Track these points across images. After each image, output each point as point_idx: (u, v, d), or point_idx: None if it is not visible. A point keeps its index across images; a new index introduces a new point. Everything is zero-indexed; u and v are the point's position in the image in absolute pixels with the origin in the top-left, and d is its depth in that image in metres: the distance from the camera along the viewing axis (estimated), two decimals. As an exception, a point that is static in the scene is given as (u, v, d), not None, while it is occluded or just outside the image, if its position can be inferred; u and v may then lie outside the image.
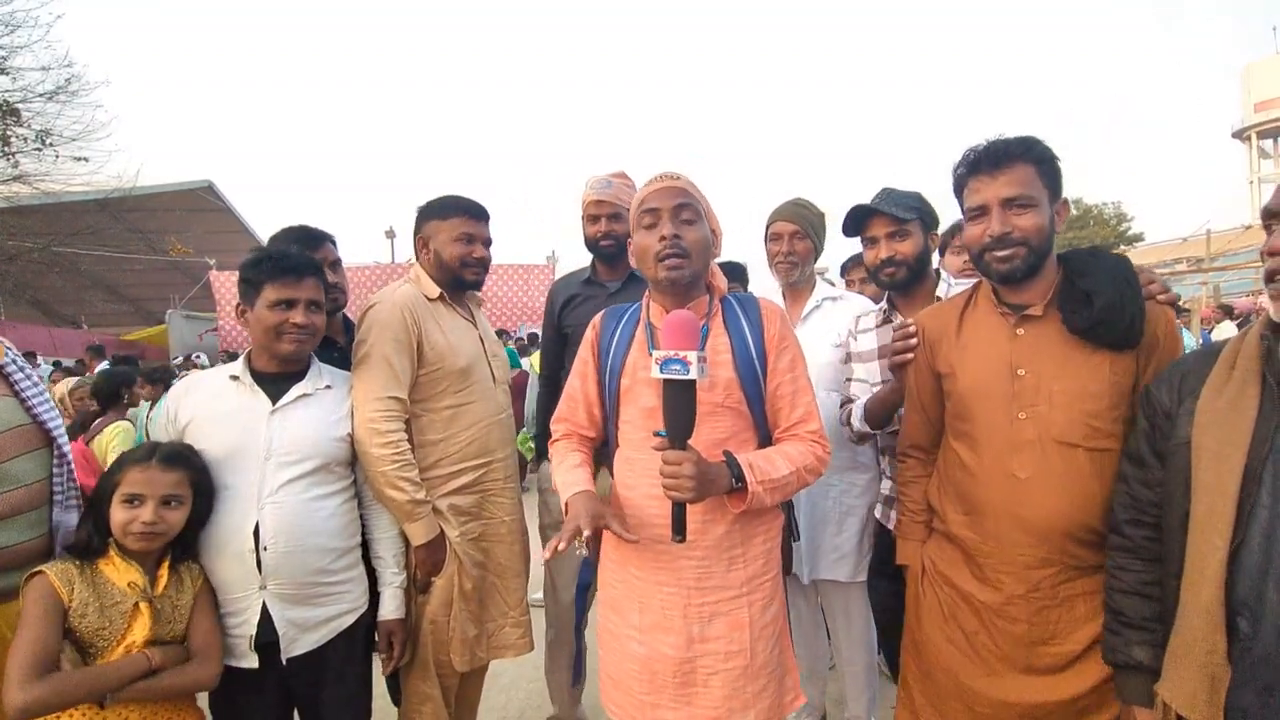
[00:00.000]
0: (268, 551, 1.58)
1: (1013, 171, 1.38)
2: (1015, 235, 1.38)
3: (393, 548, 1.85)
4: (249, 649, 1.59)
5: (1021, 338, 1.44)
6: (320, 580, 1.66)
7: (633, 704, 1.48)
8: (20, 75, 10.05)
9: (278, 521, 1.59)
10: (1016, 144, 1.40)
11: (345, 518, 1.74)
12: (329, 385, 1.77)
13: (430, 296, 1.98)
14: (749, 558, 1.47)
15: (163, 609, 1.47)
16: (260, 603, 1.59)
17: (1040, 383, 1.40)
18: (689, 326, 1.29)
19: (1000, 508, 1.42)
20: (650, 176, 1.51)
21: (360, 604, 1.77)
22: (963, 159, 1.46)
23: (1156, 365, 1.35)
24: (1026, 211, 1.38)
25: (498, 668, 3.23)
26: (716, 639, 1.43)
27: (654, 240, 1.43)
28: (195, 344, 13.53)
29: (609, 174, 2.28)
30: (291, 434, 1.65)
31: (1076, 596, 1.37)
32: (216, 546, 1.59)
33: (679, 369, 1.24)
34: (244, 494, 1.60)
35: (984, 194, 1.41)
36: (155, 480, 1.46)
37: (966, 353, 1.51)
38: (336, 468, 1.73)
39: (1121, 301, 1.33)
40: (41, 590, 1.37)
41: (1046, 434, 1.38)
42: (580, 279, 2.38)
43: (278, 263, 1.66)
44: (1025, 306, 1.44)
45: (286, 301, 1.65)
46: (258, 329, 1.67)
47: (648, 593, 1.46)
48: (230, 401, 1.66)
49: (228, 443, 1.62)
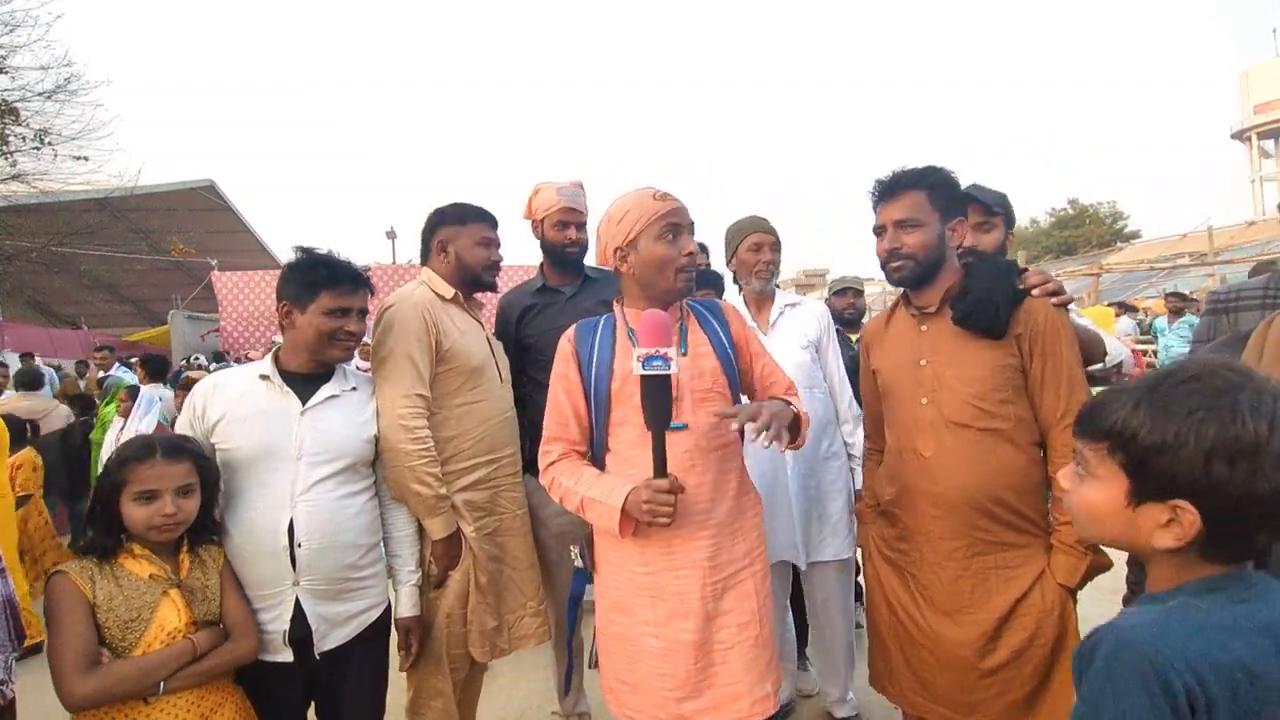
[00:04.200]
0: (302, 548, 1.61)
1: (904, 198, 1.63)
2: (903, 250, 1.63)
3: (410, 546, 1.88)
4: (283, 643, 1.62)
5: (924, 333, 1.69)
6: (350, 576, 1.70)
7: (653, 703, 1.50)
8: (19, 74, 10.06)
9: (311, 519, 1.62)
10: (910, 175, 1.65)
11: (370, 515, 1.78)
12: (354, 387, 1.81)
13: (445, 297, 2.03)
14: (746, 530, 1.58)
15: (194, 592, 1.50)
16: (294, 598, 1.62)
17: (937, 370, 1.64)
18: (664, 326, 1.39)
19: (913, 484, 1.66)
20: (649, 190, 1.59)
21: (383, 599, 1.82)
22: (872, 188, 1.71)
23: (1041, 350, 1.57)
24: (914, 231, 1.62)
25: (498, 668, 3.22)
26: (729, 613, 1.51)
27: (678, 253, 1.55)
28: (198, 345, 13.50)
29: (571, 182, 2.33)
30: (322, 434, 1.69)
31: (989, 570, 1.57)
32: (250, 544, 1.62)
33: (660, 365, 1.35)
34: (277, 492, 1.62)
35: (882, 217, 1.67)
36: (166, 474, 1.47)
37: (888, 349, 1.78)
38: (362, 467, 1.77)
39: (989, 295, 1.57)
40: (65, 588, 1.39)
41: (941, 416, 1.62)
42: (532, 289, 2.40)
43: (337, 270, 1.71)
44: (925, 306, 1.69)
45: (343, 309, 1.70)
46: (308, 332, 1.69)
47: (660, 583, 1.50)
48: (260, 401, 1.68)
49: (260, 441, 1.64)
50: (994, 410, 1.58)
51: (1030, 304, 1.61)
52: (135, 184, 11.64)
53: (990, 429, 1.58)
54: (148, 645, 1.41)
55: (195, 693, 1.45)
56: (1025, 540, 1.58)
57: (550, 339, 2.07)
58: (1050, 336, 1.58)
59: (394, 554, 1.88)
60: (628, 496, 1.44)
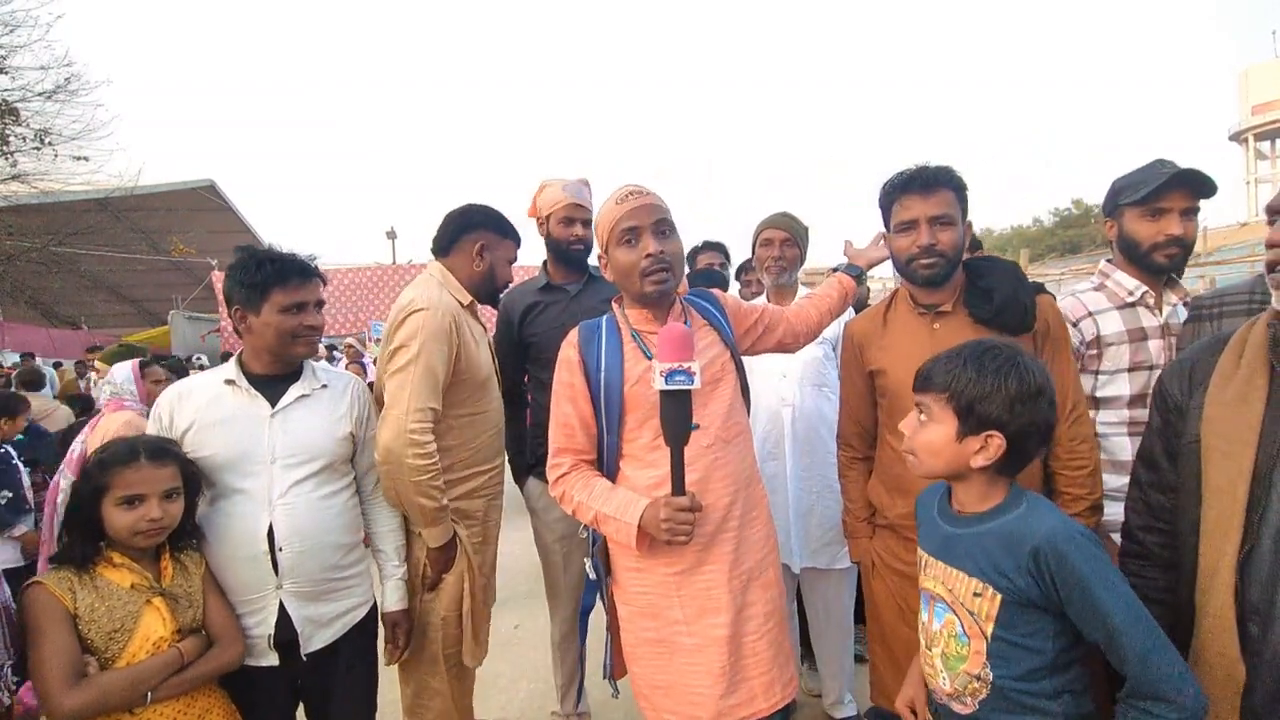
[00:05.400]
0: (284, 552, 1.59)
1: (940, 194, 1.61)
2: (939, 247, 1.60)
3: (393, 541, 1.87)
4: (268, 647, 1.60)
5: (938, 331, 1.65)
6: (333, 576, 1.68)
7: (690, 703, 1.49)
8: (19, 74, 10.06)
9: (291, 522, 1.60)
10: (944, 172, 1.62)
11: (351, 514, 1.76)
12: (325, 385, 1.76)
13: (463, 303, 1.99)
14: (762, 518, 1.60)
15: (177, 599, 1.47)
16: (277, 602, 1.61)
17: None
18: (686, 340, 1.34)
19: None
20: (617, 193, 1.53)
21: (369, 597, 1.80)
22: (896, 178, 1.66)
23: (1051, 347, 1.60)
24: (948, 228, 1.60)
25: (498, 668, 3.22)
26: (755, 603, 1.53)
27: (638, 256, 1.48)
28: (198, 345, 13.51)
29: (577, 179, 2.32)
30: (295, 436, 1.65)
31: None
32: (229, 550, 1.59)
33: (683, 380, 1.32)
34: (254, 497, 1.60)
35: (915, 210, 1.62)
36: (151, 477, 1.44)
37: (893, 350, 1.71)
38: (340, 466, 1.74)
39: (1015, 294, 1.59)
40: (43, 599, 1.34)
41: None
42: (536, 287, 2.36)
43: (285, 266, 1.64)
44: (939, 305, 1.67)
45: (298, 304, 1.65)
46: (267, 334, 1.64)
47: (687, 583, 1.49)
48: (228, 406, 1.64)
49: (232, 447, 1.61)
50: None
51: (1042, 300, 1.63)
52: (135, 184, 11.64)
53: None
54: (132, 655, 1.38)
55: (181, 700, 1.43)
56: None
57: (554, 337, 2.05)
58: (1059, 332, 1.62)
59: (378, 549, 1.87)
60: (644, 513, 1.42)
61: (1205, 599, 1.06)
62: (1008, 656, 1.14)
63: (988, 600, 1.16)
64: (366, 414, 1.82)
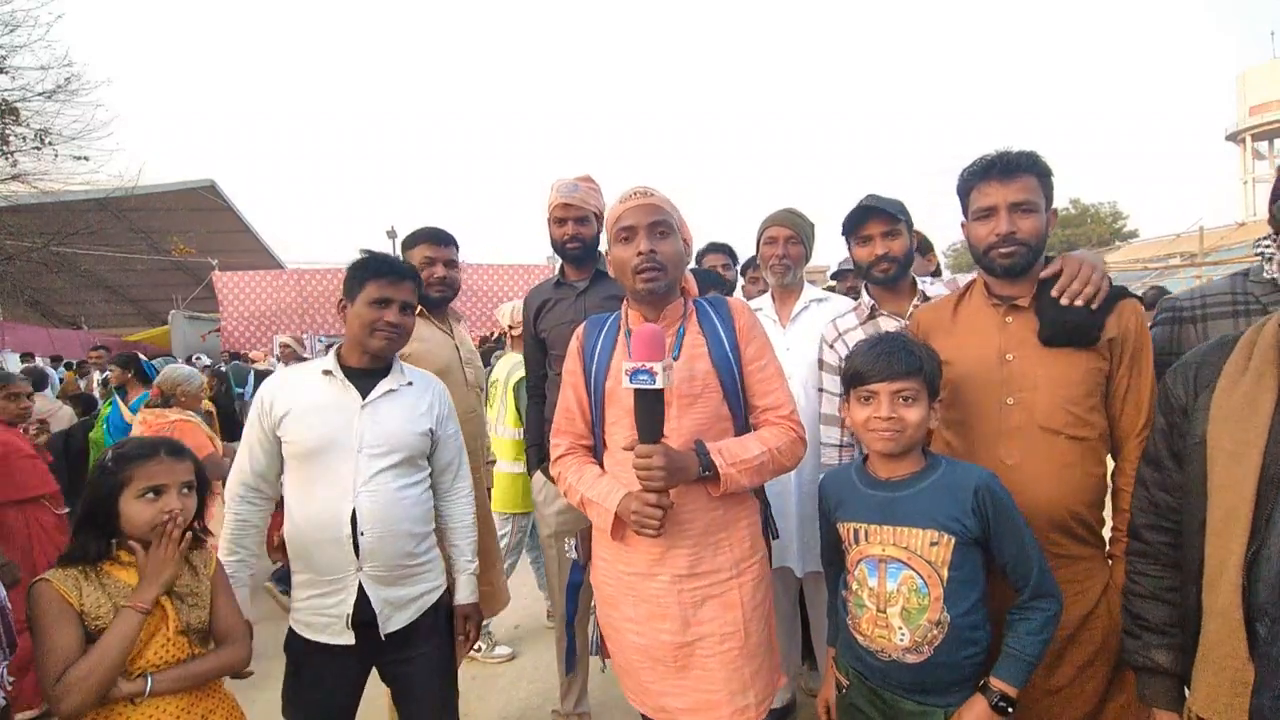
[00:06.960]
0: (364, 536, 1.68)
1: (1022, 180, 1.51)
2: (1019, 235, 1.51)
3: (467, 535, 1.97)
4: (345, 627, 1.69)
5: (1009, 326, 1.57)
6: (408, 562, 1.77)
7: (638, 688, 1.59)
8: (19, 74, 10.03)
9: (373, 508, 1.70)
10: (1026, 157, 1.53)
11: (426, 505, 1.85)
12: (410, 382, 1.87)
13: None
14: (734, 540, 1.54)
15: (184, 598, 1.48)
16: (357, 583, 1.70)
17: (1026, 368, 1.52)
18: (655, 340, 1.36)
19: None
20: (624, 193, 1.59)
21: (441, 582, 1.90)
22: (975, 164, 1.57)
23: (1131, 357, 1.49)
24: (1029, 216, 1.52)
25: (498, 668, 3.22)
26: (710, 621, 1.50)
27: (631, 255, 1.53)
28: (198, 345, 13.48)
29: (575, 178, 2.36)
30: (381, 427, 1.75)
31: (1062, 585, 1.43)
32: (316, 532, 1.69)
33: (646, 379, 1.34)
34: (341, 482, 1.70)
35: (994, 197, 1.53)
36: (173, 469, 1.47)
37: (960, 340, 1.63)
38: (418, 459, 1.84)
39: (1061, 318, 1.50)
40: (49, 597, 1.35)
41: (1031, 420, 1.50)
42: (551, 284, 2.47)
43: (381, 263, 1.81)
44: (1015, 298, 1.57)
45: (384, 300, 1.76)
46: (354, 324, 1.77)
47: (639, 585, 1.53)
48: (324, 395, 1.76)
49: (324, 434, 1.71)
50: (1085, 417, 1.48)
51: (1122, 306, 1.50)
52: (135, 184, 11.59)
53: (1079, 438, 1.48)
54: (138, 654, 1.38)
55: (185, 699, 1.43)
56: (1088, 553, 1.51)
57: (561, 333, 2.11)
58: (1140, 342, 1.50)
59: (451, 544, 1.96)
60: (620, 502, 1.49)
61: (1212, 599, 1.06)
62: (958, 594, 1.32)
63: (944, 546, 1.33)
64: (446, 413, 1.93)
